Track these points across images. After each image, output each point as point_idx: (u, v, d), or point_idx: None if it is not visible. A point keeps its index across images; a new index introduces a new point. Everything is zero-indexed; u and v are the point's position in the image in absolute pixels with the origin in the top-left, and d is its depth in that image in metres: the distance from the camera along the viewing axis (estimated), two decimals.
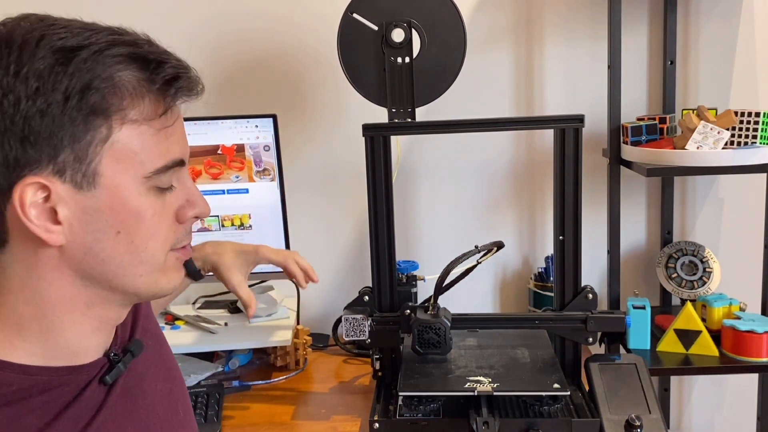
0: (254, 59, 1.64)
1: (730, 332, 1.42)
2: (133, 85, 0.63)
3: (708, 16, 1.62)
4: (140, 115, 0.63)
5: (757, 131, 1.40)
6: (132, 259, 0.66)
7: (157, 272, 0.69)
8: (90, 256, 0.65)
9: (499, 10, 1.62)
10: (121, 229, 0.65)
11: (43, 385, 0.65)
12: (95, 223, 0.64)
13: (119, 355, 0.73)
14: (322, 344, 1.63)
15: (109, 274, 0.66)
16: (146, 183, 0.65)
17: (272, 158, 1.49)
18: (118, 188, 0.63)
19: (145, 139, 0.64)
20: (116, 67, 0.62)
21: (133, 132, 0.63)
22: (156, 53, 0.65)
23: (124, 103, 0.62)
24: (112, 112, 0.62)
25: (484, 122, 1.30)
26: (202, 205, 0.71)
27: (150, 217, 0.66)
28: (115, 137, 0.62)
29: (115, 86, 0.61)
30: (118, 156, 0.63)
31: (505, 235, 1.72)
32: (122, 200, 0.64)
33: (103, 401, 0.70)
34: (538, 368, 1.21)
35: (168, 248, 0.69)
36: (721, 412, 1.80)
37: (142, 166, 0.64)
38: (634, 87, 1.64)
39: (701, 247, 1.63)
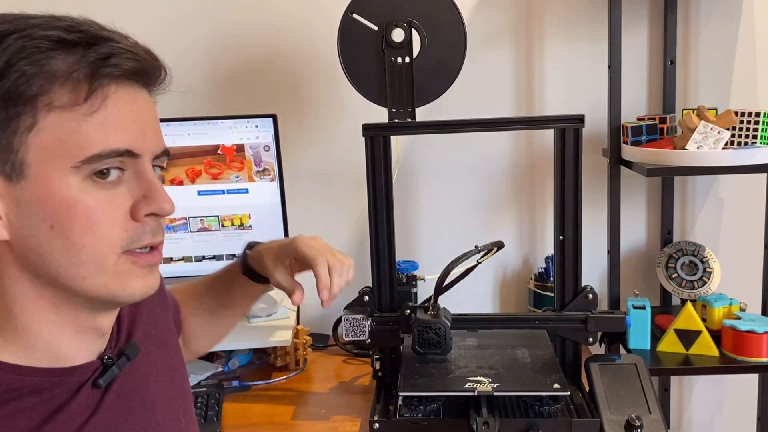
0: (254, 59, 1.64)
1: (730, 332, 1.42)
2: (61, 70, 0.59)
3: (708, 16, 1.62)
4: (66, 101, 0.59)
5: (757, 131, 1.40)
6: (70, 257, 0.61)
7: (106, 275, 0.63)
8: (31, 252, 0.62)
9: (499, 10, 1.62)
10: (54, 223, 0.60)
11: (34, 386, 0.64)
12: (29, 216, 0.60)
13: (113, 359, 0.71)
14: (322, 344, 1.63)
15: (53, 273, 0.62)
16: (78, 173, 0.60)
17: (272, 158, 1.49)
18: (46, 179, 0.60)
19: (73, 127, 0.60)
20: (42, 53, 0.58)
21: (59, 119, 0.59)
22: (88, 37, 0.61)
23: (50, 89, 0.59)
24: (37, 99, 0.59)
25: (484, 122, 1.30)
26: (159, 200, 0.64)
27: (84, 211, 0.61)
28: (40, 125, 0.59)
29: (39, 70, 0.58)
30: (45, 145, 0.59)
31: (505, 235, 1.72)
32: (51, 192, 0.60)
33: (97, 405, 0.69)
34: (538, 368, 1.21)
35: (118, 249, 0.63)
36: (721, 412, 1.80)
37: (70, 156, 0.60)
38: (634, 87, 1.64)
39: (701, 247, 1.63)
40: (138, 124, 0.64)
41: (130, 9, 1.60)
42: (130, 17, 1.56)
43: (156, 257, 0.67)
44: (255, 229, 1.52)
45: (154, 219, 0.65)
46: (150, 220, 0.65)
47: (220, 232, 1.52)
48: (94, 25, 0.62)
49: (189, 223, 1.51)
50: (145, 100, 0.66)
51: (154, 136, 0.66)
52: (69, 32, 0.60)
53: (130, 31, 0.69)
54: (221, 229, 1.52)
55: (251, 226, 1.52)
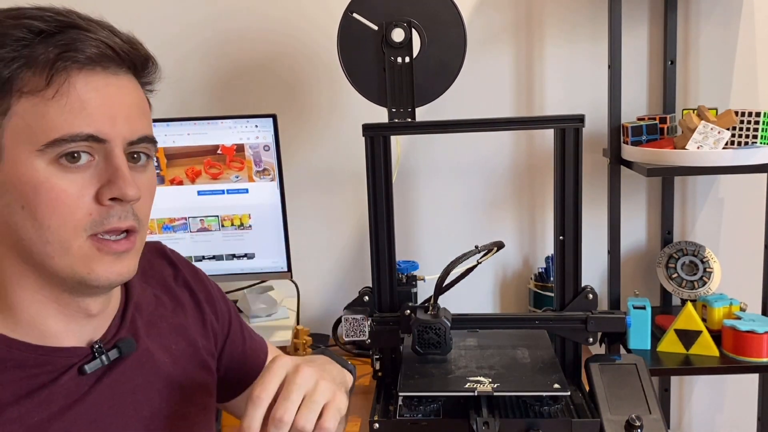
0: (254, 59, 1.64)
1: (730, 332, 1.42)
2: (32, 57, 0.62)
3: (708, 16, 1.62)
4: (33, 86, 0.63)
5: (757, 131, 1.40)
6: (39, 237, 0.64)
7: (71, 257, 0.65)
8: (9, 231, 0.65)
9: (499, 10, 1.62)
10: (24, 203, 0.64)
11: (19, 360, 0.66)
12: (5, 196, 0.64)
13: (102, 349, 0.72)
14: (323, 344, 1.63)
15: (27, 251, 0.65)
16: (43, 156, 0.63)
17: (272, 158, 1.49)
18: (16, 161, 0.63)
19: (37, 112, 0.63)
20: (18, 40, 0.62)
21: (27, 104, 0.63)
22: (61, 25, 0.63)
23: (22, 75, 0.62)
24: (11, 84, 0.62)
25: (484, 122, 1.30)
26: (122, 186, 0.65)
27: (48, 192, 0.63)
28: (13, 110, 0.63)
29: (16, 57, 0.62)
30: (15, 129, 0.63)
31: (505, 235, 1.72)
32: (19, 173, 0.63)
33: (85, 393, 0.70)
34: (538, 368, 1.21)
35: (82, 232, 0.65)
36: (721, 412, 1.80)
37: (36, 139, 0.63)
38: (634, 87, 1.64)
39: (701, 247, 1.63)
40: (107, 109, 0.65)
41: (130, 9, 1.60)
42: (130, 17, 1.55)
43: (123, 245, 0.67)
44: (255, 229, 1.52)
45: (120, 204, 0.66)
46: (116, 204, 0.66)
47: (219, 232, 1.52)
48: (71, 14, 0.65)
49: (189, 223, 1.51)
50: (120, 86, 0.67)
51: (126, 122, 0.67)
52: (44, 21, 0.63)
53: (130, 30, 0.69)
54: (221, 229, 1.52)
55: (251, 226, 1.52)
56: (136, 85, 0.71)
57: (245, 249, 1.53)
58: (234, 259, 1.53)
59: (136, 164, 0.69)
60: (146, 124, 0.70)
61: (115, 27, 0.68)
